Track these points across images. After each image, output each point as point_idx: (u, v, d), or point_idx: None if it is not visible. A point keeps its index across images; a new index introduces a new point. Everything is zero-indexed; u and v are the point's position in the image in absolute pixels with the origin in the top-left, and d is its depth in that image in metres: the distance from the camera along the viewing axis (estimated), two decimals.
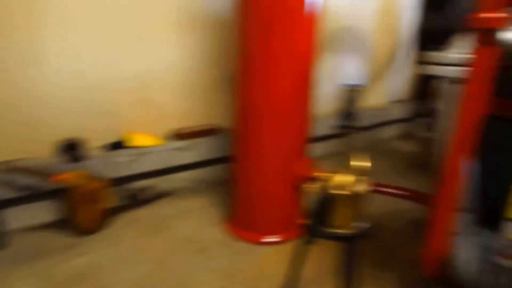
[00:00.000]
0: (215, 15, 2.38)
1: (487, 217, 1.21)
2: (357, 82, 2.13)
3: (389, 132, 3.84)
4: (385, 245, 1.94)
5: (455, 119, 1.09)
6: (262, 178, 1.89)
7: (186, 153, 2.47)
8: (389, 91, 3.81)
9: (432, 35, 2.45)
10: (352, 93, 2.10)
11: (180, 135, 2.45)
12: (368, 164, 1.00)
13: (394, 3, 3.49)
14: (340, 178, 1.01)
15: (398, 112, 3.84)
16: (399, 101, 3.88)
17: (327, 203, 1.00)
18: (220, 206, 2.30)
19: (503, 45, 0.97)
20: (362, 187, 1.00)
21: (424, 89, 3.16)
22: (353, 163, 1.01)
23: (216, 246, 1.91)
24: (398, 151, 3.50)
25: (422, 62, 2.71)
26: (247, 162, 1.91)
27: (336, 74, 2.85)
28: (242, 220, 2.03)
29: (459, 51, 1.40)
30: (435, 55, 1.46)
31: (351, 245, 1.05)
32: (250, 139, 1.87)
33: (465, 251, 1.22)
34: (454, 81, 1.37)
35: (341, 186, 0.99)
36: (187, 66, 2.41)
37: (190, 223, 2.11)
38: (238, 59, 1.82)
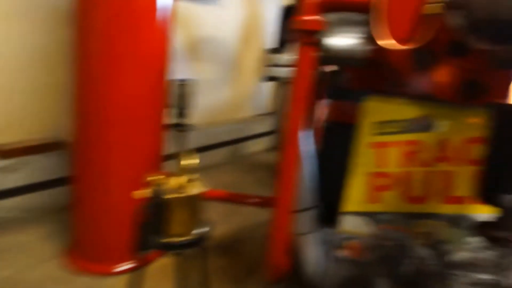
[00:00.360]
0: (53, 6, 2.18)
1: (327, 214, 1.38)
2: (187, 77, 2.23)
3: (256, 145, 4.09)
4: (248, 258, 2.03)
5: (285, 119, 1.22)
6: (110, 197, 1.79)
7: (11, 175, 2.16)
8: (255, 104, 4.09)
9: (283, 41, 2.76)
10: (183, 88, 2.19)
11: (3, 152, 2.13)
12: (196, 161, 1.02)
13: (258, 16, 3.79)
14: (174, 181, 1.01)
15: (264, 125, 4.13)
16: (265, 114, 4.19)
17: (161, 210, 0.99)
18: (58, 237, 2.06)
19: (322, 48, 1.15)
20: (197, 188, 1.02)
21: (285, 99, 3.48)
22: (183, 162, 1.02)
23: (51, 285, 1.69)
24: (264, 164, 3.74)
25: (267, 65, 3.02)
26: (91, 179, 1.79)
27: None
28: (87, 250, 1.87)
29: (290, 54, 1.59)
30: (273, 58, 1.64)
31: (192, 252, 1.05)
32: (93, 152, 1.76)
33: (310, 249, 1.36)
34: (285, 81, 1.56)
35: (175, 189, 0.99)
36: (13, 65, 2.12)
37: (16, 262, 1.82)
38: (77, 60, 1.71)
